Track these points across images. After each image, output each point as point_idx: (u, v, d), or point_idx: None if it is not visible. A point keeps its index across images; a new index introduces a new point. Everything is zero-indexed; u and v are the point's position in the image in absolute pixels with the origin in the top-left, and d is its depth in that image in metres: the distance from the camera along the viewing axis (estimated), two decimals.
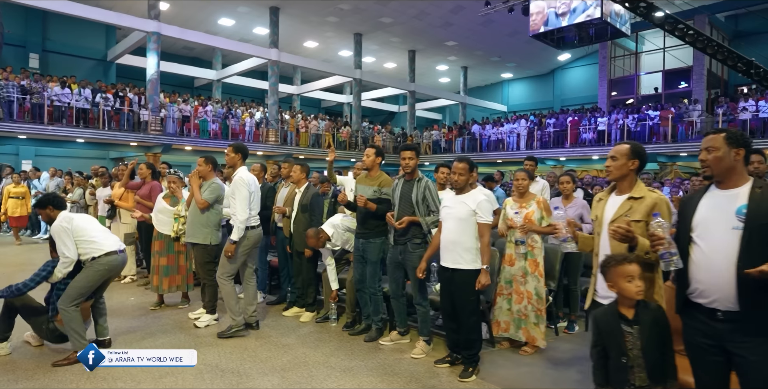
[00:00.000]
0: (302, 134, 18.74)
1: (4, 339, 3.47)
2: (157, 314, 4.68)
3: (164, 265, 4.78)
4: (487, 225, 3.18)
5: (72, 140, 13.56)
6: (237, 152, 4.11)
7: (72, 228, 3.36)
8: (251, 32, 20.45)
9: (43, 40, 17.73)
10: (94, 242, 3.42)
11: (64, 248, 3.32)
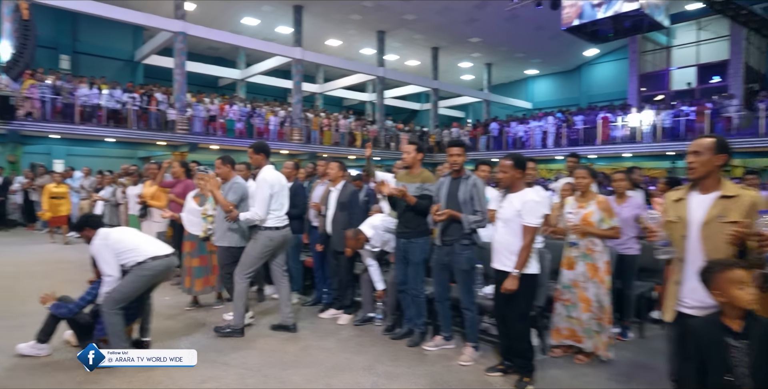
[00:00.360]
0: (326, 132, 18.68)
1: (46, 340, 3.42)
2: (192, 314, 4.61)
3: (196, 266, 4.70)
4: (530, 228, 2.99)
5: (102, 139, 13.75)
6: (259, 152, 4.03)
7: (110, 243, 3.30)
8: (274, 31, 20.48)
9: (73, 42, 18.07)
10: (136, 249, 3.35)
11: (106, 267, 3.26)
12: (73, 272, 6.28)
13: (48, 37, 16.76)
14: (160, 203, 5.78)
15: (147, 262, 3.31)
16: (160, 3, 16.31)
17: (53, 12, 16.66)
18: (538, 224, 3.01)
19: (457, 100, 27.50)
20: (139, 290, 3.37)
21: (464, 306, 3.46)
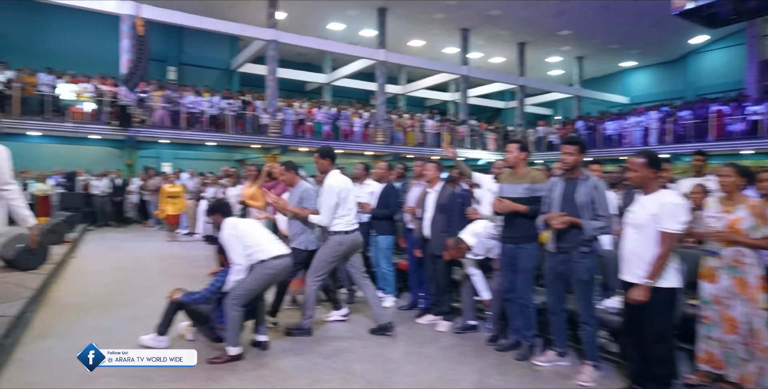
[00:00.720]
0: (409, 133, 18.64)
1: (165, 332, 3.61)
2: (292, 313, 4.69)
3: None
4: (669, 235, 2.63)
5: (203, 143, 14.79)
6: (325, 156, 4.04)
7: (239, 235, 3.41)
8: (359, 35, 20.85)
9: (179, 54, 19.68)
10: (260, 245, 3.42)
11: (235, 256, 3.36)
12: (184, 267, 6.72)
13: (158, 51, 18.34)
14: (258, 203, 5.98)
15: (269, 261, 3.39)
16: (253, 14, 17.28)
17: (163, 28, 18.23)
18: (679, 231, 2.64)
19: (544, 97, 26.28)
20: (261, 289, 3.48)
21: (583, 320, 3.15)
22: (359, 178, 5.41)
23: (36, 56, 15.46)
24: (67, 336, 3.79)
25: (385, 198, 4.90)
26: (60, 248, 7.23)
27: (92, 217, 12.04)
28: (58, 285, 5.53)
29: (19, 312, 3.90)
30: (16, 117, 12.00)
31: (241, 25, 16.16)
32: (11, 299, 4.25)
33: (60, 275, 6.02)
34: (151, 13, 13.98)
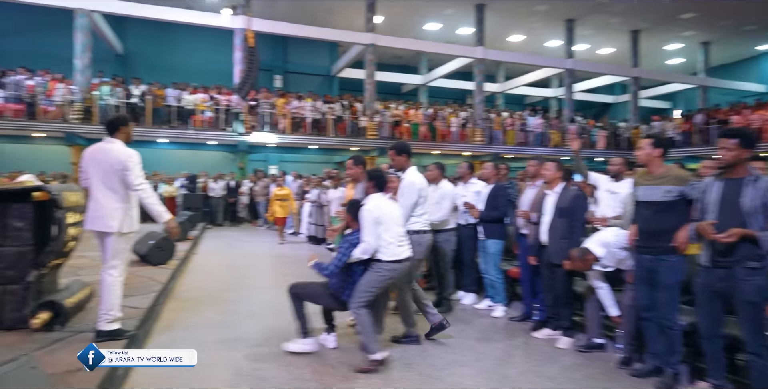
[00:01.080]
0: (509, 132, 17.87)
1: (307, 333, 3.48)
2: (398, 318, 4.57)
3: None
4: None
5: (306, 146, 15.44)
6: (401, 153, 3.90)
7: (378, 219, 3.23)
8: (455, 34, 20.49)
9: (284, 63, 20.83)
10: (390, 246, 3.28)
11: (368, 233, 3.22)
12: (291, 266, 6.94)
13: (265, 62, 19.54)
14: None
15: (390, 263, 3.28)
16: (352, 20, 17.73)
17: (269, 39, 19.45)
18: None
19: (661, 89, 23.81)
20: (380, 290, 3.35)
21: (750, 350, 2.61)
22: (464, 177, 5.16)
23: (164, 72, 17.27)
24: (190, 329, 4.02)
25: (494, 199, 4.60)
26: (183, 245, 7.87)
27: (210, 216, 13.10)
28: (182, 279, 5.98)
29: (150, 304, 4.22)
30: (148, 126, 13.43)
31: (340, 31, 16.68)
32: (144, 292, 4.63)
33: (183, 270, 6.52)
34: (260, 26, 14.91)
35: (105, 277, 3.25)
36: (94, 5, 13.94)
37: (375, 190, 3.39)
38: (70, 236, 3.57)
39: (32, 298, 3.38)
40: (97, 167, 3.28)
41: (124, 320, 3.41)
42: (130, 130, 3.51)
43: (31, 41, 17.17)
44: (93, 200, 3.29)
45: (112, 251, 3.27)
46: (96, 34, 15.30)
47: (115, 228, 3.23)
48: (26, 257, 3.39)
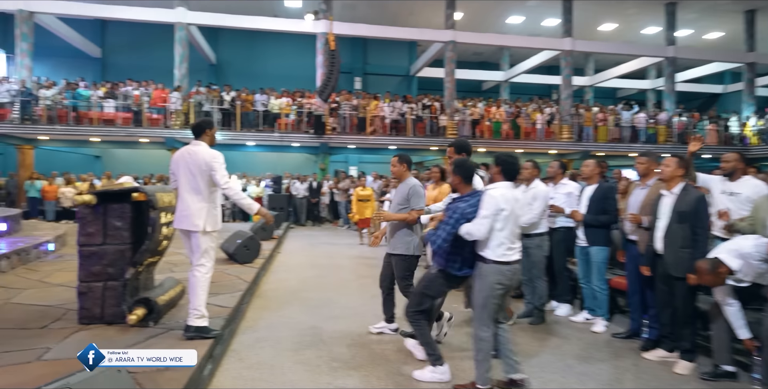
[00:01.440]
0: (601, 128, 16.61)
1: (438, 359, 3.04)
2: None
3: None
4: None
5: (386, 147, 15.43)
6: (461, 151, 3.62)
7: (502, 209, 2.74)
8: (540, 26, 19.50)
9: (363, 65, 21.08)
10: (503, 245, 2.77)
11: (483, 218, 2.73)
12: (371, 268, 6.84)
13: (345, 64, 19.91)
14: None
15: (497, 264, 2.78)
16: (430, 18, 17.49)
17: (349, 43, 19.79)
18: None
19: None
20: (497, 300, 2.82)
21: None
22: (555, 177, 4.73)
23: (252, 78, 18.16)
24: (274, 329, 4.01)
25: (602, 202, 4.11)
26: (268, 244, 8.10)
27: (293, 216, 13.51)
28: (266, 278, 6.10)
29: (236, 304, 4.29)
30: (237, 130, 14.15)
31: (419, 29, 16.55)
32: (231, 290, 4.74)
33: (268, 268, 6.68)
34: (341, 29, 15.15)
35: (193, 275, 3.33)
36: (191, 18, 14.97)
37: (502, 177, 2.85)
38: (163, 236, 3.70)
39: (129, 294, 3.53)
40: (185, 169, 3.39)
41: (212, 318, 3.47)
42: (214, 133, 3.60)
43: (138, 55, 18.88)
44: (180, 200, 3.40)
45: (199, 250, 3.34)
46: (193, 45, 16.46)
47: (200, 227, 3.31)
48: (125, 256, 3.55)
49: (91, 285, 3.52)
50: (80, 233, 3.51)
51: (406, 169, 3.78)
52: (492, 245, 2.77)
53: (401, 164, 3.78)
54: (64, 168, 14.72)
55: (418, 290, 3.11)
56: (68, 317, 3.67)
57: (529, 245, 4.16)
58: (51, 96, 13.61)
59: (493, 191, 2.80)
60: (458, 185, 2.98)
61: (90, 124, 13.53)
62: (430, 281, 3.04)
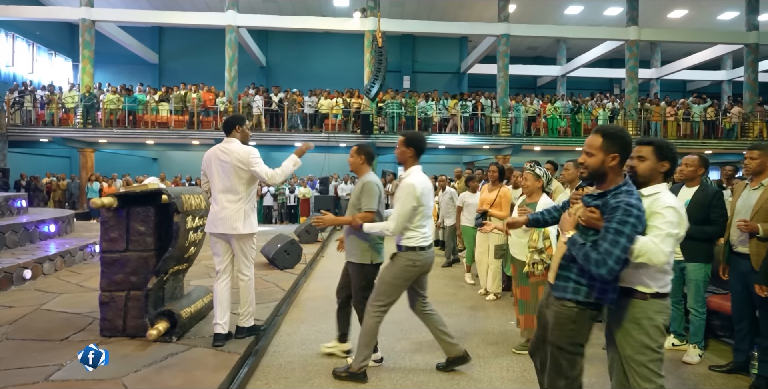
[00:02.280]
0: (670, 123, 15.24)
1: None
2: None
3: (520, 299, 3.66)
4: None
5: (436, 146, 14.86)
6: (410, 145, 3.01)
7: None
8: (601, 15, 18.27)
9: (412, 64, 20.62)
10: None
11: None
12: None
13: (394, 63, 19.55)
14: (501, 212, 5.07)
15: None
16: (482, 12, 16.76)
17: (398, 40, 19.39)
18: None
19: None
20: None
21: None
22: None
23: (300, 80, 18.16)
24: (307, 346, 3.60)
25: (706, 209, 3.31)
26: (312, 248, 7.79)
27: None
28: (306, 285, 5.74)
29: (270, 315, 3.93)
30: (285, 131, 14.08)
31: (471, 23, 15.92)
32: (267, 299, 4.40)
33: (310, 274, 6.33)
34: (389, 25, 14.76)
35: (239, 281, 3.22)
36: (241, 21, 15.09)
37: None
38: (190, 242, 3.39)
39: (152, 306, 3.24)
40: (218, 169, 3.17)
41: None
42: (246, 129, 3.34)
43: (192, 60, 19.39)
44: (214, 202, 3.18)
45: (241, 253, 3.19)
46: (244, 49, 16.62)
47: (239, 230, 3.10)
48: (149, 263, 3.27)
49: (114, 295, 3.26)
50: (102, 239, 3.26)
51: (363, 161, 3.24)
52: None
53: (359, 155, 3.24)
54: (124, 171, 15.25)
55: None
56: (92, 327, 3.44)
57: None
58: (110, 100, 14.11)
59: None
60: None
61: (145, 127, 13.89)
62: None
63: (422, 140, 3.06)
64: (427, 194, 2.92)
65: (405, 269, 2.91)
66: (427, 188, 2.93)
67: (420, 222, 2.92)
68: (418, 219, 2.91)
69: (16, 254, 5.36)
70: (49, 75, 17.90)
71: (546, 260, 3.29)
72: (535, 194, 3.56)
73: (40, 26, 17.11)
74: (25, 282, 4.88)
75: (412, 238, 2.92)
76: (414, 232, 2.92)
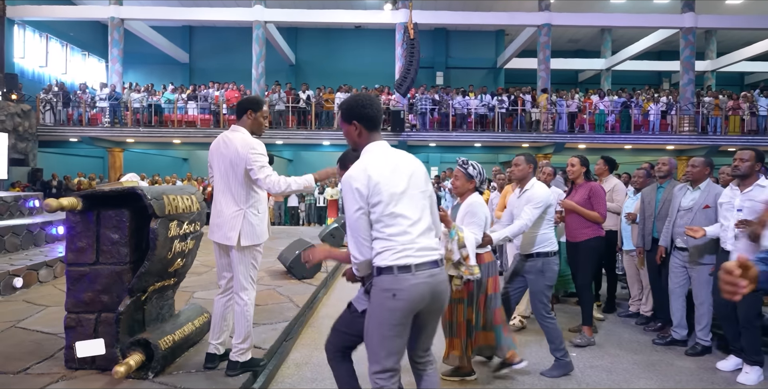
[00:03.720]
0: (732, 118, 13.85)
1: None
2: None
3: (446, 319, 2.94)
4: None
5: (471, 144, 14.01)
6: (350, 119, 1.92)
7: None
8: (651, 3, 16.93)
9: (445, 59, 19.77)
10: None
11: None
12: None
13: (426, 59, 18.75)
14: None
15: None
16: (520, 3, 15.77)
17: (431, 35, 18.59)
18: None
19: None
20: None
21: None
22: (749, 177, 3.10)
23: (330, 77, 17.60)
24: (324, 383, 2.91)
25: None
26: None
27: None
28: (326, 299, 5.05)
29: (277, 341, 3.26)
30: (313, 130, 13.53)
31: (509, 13, 14.98)
32: (276, 319, 3.74)
33: (330, 285, 5.64)
34: (422, 17, 14.00)
35: (235, 305, 2.60)
36: (269, 15, 14.67)
37: None
38: (174, 253, 2.74)
39: (125, 332, 2.61)
40: (218, 163, 2.61)
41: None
42: (260, 116, 2.67)
43: (222, 59, 19.16)
44: (214, 205, 2.62)
45: (239, 270, 2.56)
46: (273, 46, 16.21)
47: (233, 240, 2.51)
48: (123, 279, 2.64)
49: (81, 318, 2.65)
50: (68, 249, 2.66)
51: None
52: None
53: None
54: (154, 171, 15.06)
55: None
56: (60, 355, 2.84)
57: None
58: (138, 98, 13.93)
59: None
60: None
61: (172, 126, 13.62)
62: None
63: (359, 104, 1.87)
64: (389, 181, 1.76)
65: (381, 306, 1.78)
66: (383, 173, 1.76)
67: (390, 225, 1.75)
68: (382, 224, 1.76)
69: (14, 259, 4.91)
70: (83, 75, 18.01)
71: (465, 275, 2.58)
72: (465, 195, 2.87)
73: (74, 27, 17.21)
74: (15, 291, 4.40)
75: (383, 252, 1.77)
76: (384, 242, 1.76)
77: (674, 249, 3.54)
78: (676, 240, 3.52)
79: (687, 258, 3.43)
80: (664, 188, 3.89)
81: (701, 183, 3.46)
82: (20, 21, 14.90)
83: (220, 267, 2.68)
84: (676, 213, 3.54)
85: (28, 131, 12.62)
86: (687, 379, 3.02)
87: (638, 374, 3.10)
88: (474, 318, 2.85)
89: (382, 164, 1.80)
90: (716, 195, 3.32)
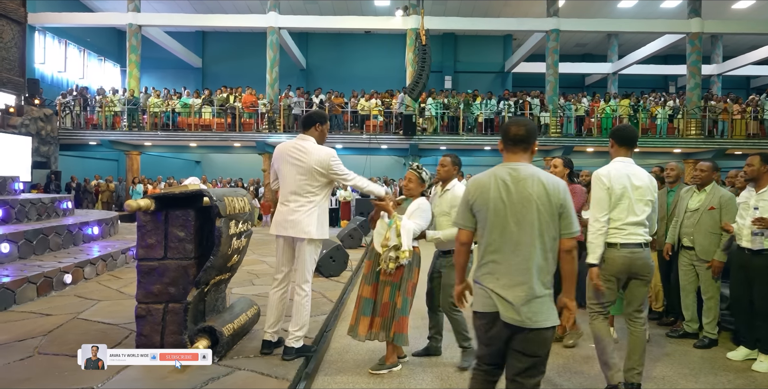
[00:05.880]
0: (738, 121, 14.06)
1: None
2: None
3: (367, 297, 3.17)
4: None
5: (480, 148, 14.27)
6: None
7: None
8: (658, 8, 17.17)
9: (454, 63, 20.06)
10: None
11: None
12: None
13: (435, 63, 18.99)
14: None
15: None
16: (528, 8, 16.04)
17: (440, 40, 18.88)
18: None
19: None
20: None
21: None
22: (760, 179, 3.30)
23: (341, 81, 17.94)
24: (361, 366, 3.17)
25: None
26: (356, 253, 7.39)
27: None
28: (353, 294, 5.31)
29: (320, 331, 3.53)
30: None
31: (518, 19, 15.28)
32: (314, 312, 3.98)
33: (356, 282, 5.91)
34: (432, 23, 14.29)
35: (296, 295, 2.94)
36: (282, 22, 15.00)
37: None
38: (233, 249, 3.03)
39: (192, 321, 2.90)
40: (290, 167, 2.94)
41: None
42: (325, 129, 3.08)
43: (235, 64, 19.52)
44: (284, 203, 2.95)
45: (305, 262, 2.93)
46: (285, 51, 16.55)
47: (311, 234, 2.89)
48: (188, 273, 2.93)
49: (151, 307, 2.94)
50: (139, 245, 2.95)
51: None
52: None
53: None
54: (169, 173, 15.40)
55: None
56: (128, 342, 3.13)
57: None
58: (155, 103, 14.27)
59: None
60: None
61: (189, 130, 13.96)
62: None
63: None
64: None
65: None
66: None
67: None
68: None
69: (59, 257, 5.21)
70: (99, 80, 18.41)
71: (401, 259, 2.87)
72: (416, 196, 3.16)
73: (91, 33, 17.62)
74: (65, 287, 4.70)
75: None
76: None
77: (681, 248, 3.80)
78: (683, 240, 3.78)
79: (694, 256, 3.69)
80: (675, 192, 4.16)
81: (707, 186, 3.73)
82: (41, 27, 15.30)
83: (280, 262, 2.99)
84: (683, 214, 3.80)
85: (50, 134, 12.97)
86: (701, 367, 3.27)
87: (654, 363, 3.36)
88: (400, 303, 2.98)
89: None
90: (721, 197, 3.60)
